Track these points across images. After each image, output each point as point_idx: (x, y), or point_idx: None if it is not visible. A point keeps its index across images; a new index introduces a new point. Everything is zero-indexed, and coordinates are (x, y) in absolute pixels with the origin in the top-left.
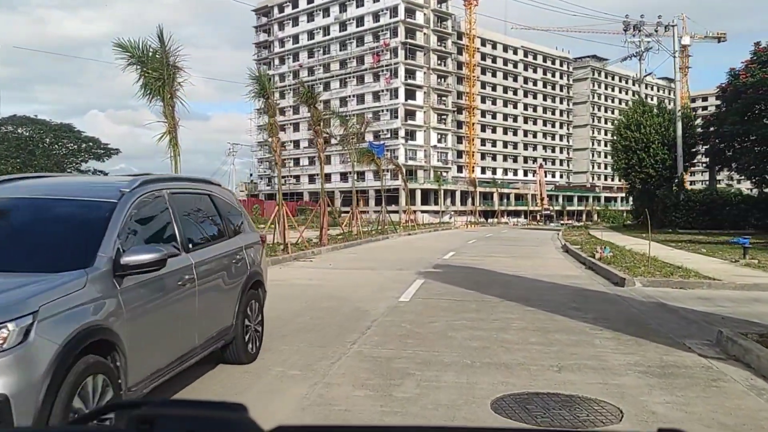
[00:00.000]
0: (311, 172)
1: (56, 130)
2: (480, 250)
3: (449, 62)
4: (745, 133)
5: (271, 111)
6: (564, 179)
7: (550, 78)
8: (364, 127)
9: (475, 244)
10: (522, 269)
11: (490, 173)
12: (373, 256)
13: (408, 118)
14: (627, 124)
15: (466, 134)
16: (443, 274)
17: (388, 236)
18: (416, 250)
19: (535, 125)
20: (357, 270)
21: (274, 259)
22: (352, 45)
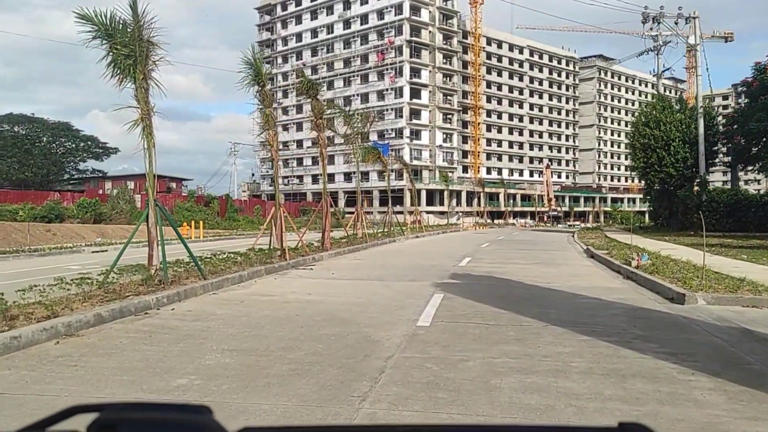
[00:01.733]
0: (314, 172)
1: (54, 128)
2: (497, 256)
3: (455, 61)
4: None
5: (267, 100)
6: (570, 180)
7: (556, 78)
8: (369, 123)
9: (489, 248)
10: (552, 279)
11: (496, 173)
12: (380, 262)
13: (413, 118)
14: (645, 121)
15: (471, 134)
16: (464, 287)
17: (395, 239)
18: (427, 256)
19: (541, 125)
20: (363, 281)
21: (269, 267)
22: (356, 43)
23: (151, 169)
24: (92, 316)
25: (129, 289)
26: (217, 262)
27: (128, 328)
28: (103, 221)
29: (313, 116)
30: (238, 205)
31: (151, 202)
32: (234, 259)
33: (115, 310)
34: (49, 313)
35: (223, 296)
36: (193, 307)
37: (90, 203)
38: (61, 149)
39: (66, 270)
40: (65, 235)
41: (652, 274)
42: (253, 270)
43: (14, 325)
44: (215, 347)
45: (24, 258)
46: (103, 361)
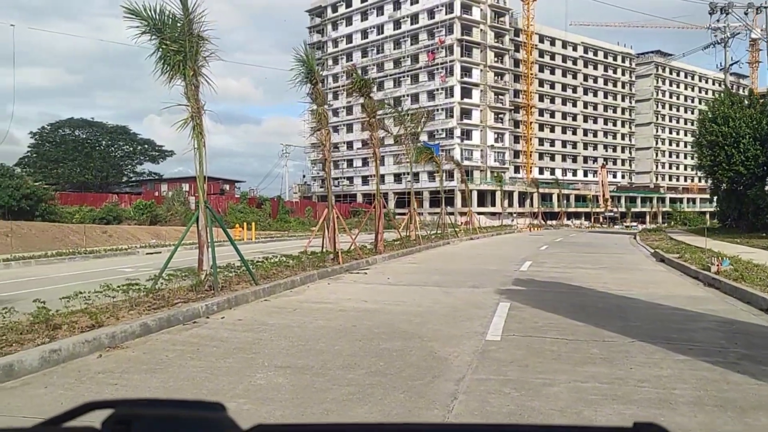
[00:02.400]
0: (364, 174)
1: (112, 132)
2: (559, 259)
3: (506, 59)
4: None
5: (320, 99)
6: (626, 180)
7: (611, 75)
8: (423, 121)
9: (548, 250)
10: (626, 286)
11: (549, 174)
12: (436, 266)
13: (464, 117)
14: (713, 117)
15: (523, 133)
16: (531, 295)
17: (449, 241)
18: (485, 259)
19: (596, 124)
20: (421, 287)
21: (322, 271)
22: (406, 43)
23: (201, 170)
24: (138, 326)
25: (178, 295)
26: (269, 266)
27: (175, 340)
28: (158, 223)
29: (365, 115)
30: (289, 206)
31: (201, 204)
32: (286, 262)
33: (163, 318)
34: (93, 322)
35: (276, 303)
36: (243, 316)
37: (146, 205)
38: (119, 152)
39: (119, 273)
40: (121, 236)
41: (737, 281)
42: (306, 275)
43: (56, 336)
44: (267, 363)
45: (79, 260)
46: (146, 380)
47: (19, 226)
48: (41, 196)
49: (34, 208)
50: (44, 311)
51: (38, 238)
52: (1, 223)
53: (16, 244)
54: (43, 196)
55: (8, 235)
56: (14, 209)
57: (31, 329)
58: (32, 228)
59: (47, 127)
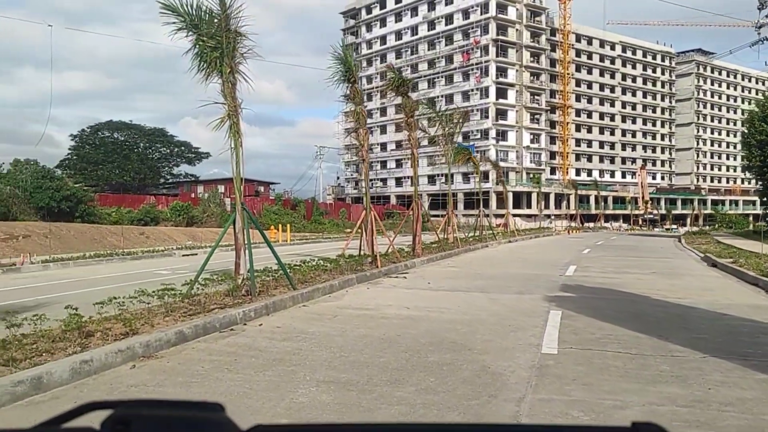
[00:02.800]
0: (398, 175)
1: (150, 134)
2: (605, 264)
3: (543, 59)
4: None
5: (358, 97)
6: (666, 181)
7: (650, 74)
8: (460, 121)
9: (592, 254)
10: (681, 294)
11: (586, 175)
12: (477, 270)
13: (499, 118)
14: (763, 115)
15: (559, 134)
16: (582, 302)
17: (487, 244)
18: (527, 263)
19: (634, 124)
20: (464, 293)
21: (361, 275)
22: (440, 44)
23: (238, 170)
24: (174, 334)
25: (214, 300)
26: (307, 270)
27: (212, 349)
28: (194, 224)
29: (401, 115)
30: (323, 208)
31: (237, 206)
32: (324, 266)
33: (199, 326)
34: (127, 330)
35: (314, 309)
36: (282, 323)
37: (182, 207)
38: (156, 154)
39: (155, 275)
40: (158, 238)
41: None
42: (344, 279)
43: (88, 344)
44: (309, 377)
45: (116, 262)
46: (181, 394)
47: (58, 228)
48: (81, 197)
49: (74, 209)
50: (77, 318)
51: (77, 240)
52: (40, 225)
53: (55, 246)
54: (83, 198)
55: (47, 237)
56: (55, 210)
57: (63, 337)
58: (71, 229)
59: (87, 129)
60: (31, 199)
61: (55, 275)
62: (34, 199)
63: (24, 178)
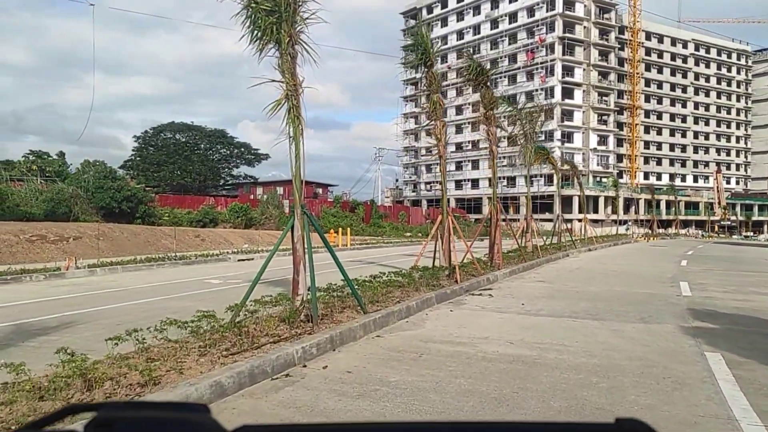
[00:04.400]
0: (457, 178)
1: (210, 135)
2: (720, 280)
3: (611, 57)
4: None
5: (435, 84)
6: (741, 186)
7: (725, 73)
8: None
9: (692, 267)
10: None
11: (654, 179)
12: (571, 286)
13: (564, 119)
14: None
15: (627, 136)
16: (735, 337)
17: (567, 253)
18: (625, 277)
19: (707, 126)
20: (571, 319)
21: (440, 293)
22: (503, 43)
23: (297, 165)
24: (208, 387)
25: (267, 329)
26: (378, 287)
27: (259, 410)
28: (252, 226)
29: (483, 106)
30: (382, 211)
31: (297, 208)
32: (396, 281)
33: (243, 373)
34: (145, 380)
35: (392, 342)
36: (352, 364)
37: (241, 208)
38: (216, 156)
39: (205, 284)
40: (213, 240)
41: None
42: (422, 298)
43: (90, 399)
44: None
45: (168, 266)
46: None
47: (110, 229)
48: (141, 198)
49: (134, 209)
50: (79, 362)
51: (129, 242)
52: (92, 226)
53: (107, 248)
54: (144, 198)
55: (99, 238)
56: (115, 211)
57: (55, 391)
58: (124, 231)
59: (150, 131)
60: (93, 199)
61: (99, 283)
62: (96, 199)
63: (87, 179)
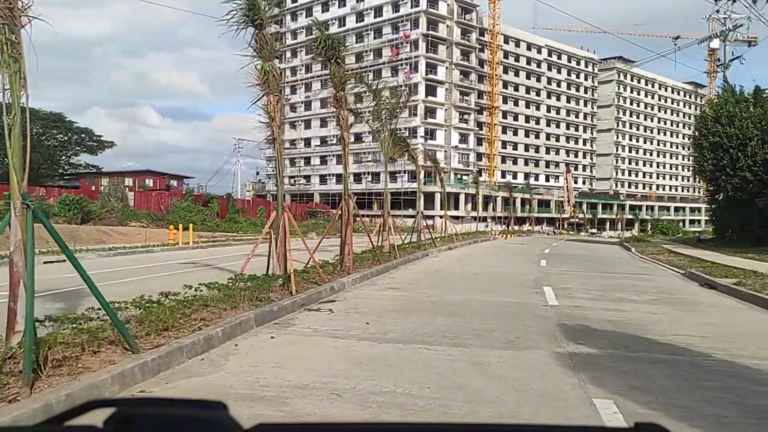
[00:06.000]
0: (322, 172)
1: (45, 119)
2: (583, 284)
3: (473, 58)
4: None
5: (267, 49)
6: (587, 185)
7: (574, 79)
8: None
9: (553, 268)
10: (738, 344)
11: (511, 177)
12: (428, 294)
13: (428, 116)
14: (716, 116)
15: (486, 136)
16: (621, 370)
17: (427, 252)
18: (488, 282)
19: (558, 128)
20: (425, 348)
21: (264, 311)
22: (369, 37)
23: (15, 131)
24: None
25: None
26: (175, 307)
27: None
28: (91, 220)
29: (333, 85)
30: (240, 205)
31: (14, 201)
32: (203, 299)
33: None
34: None
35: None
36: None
37: (73, 200)
38: (53, 142)
39: None
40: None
41: None
42: (234, 321)
43: None
44: None
45: None
46: None
47: None
48: None
49: None
50: None
51: None
52: None
53: None
54: None
55: None
56: None
57: None
58: None
59: None
60: None
61: None
62: None
63: None
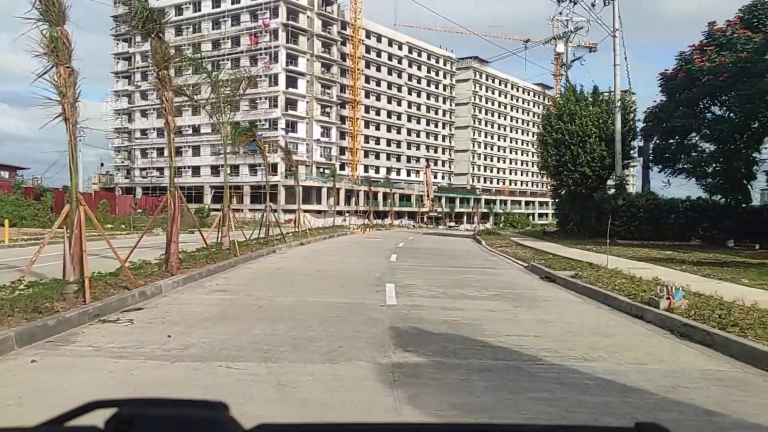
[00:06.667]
0: (178, 164)
1: None
2: (428, 280)
3: (334, 51)
4: (697, 127)
5: (54, 11)
6: (446, 180)
7: (434, 77)
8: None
9: (402, 262)
10: (576, 344)
11: (374, 172)
12: (259, 297)
13: (289, 108)
14: (559, 114)
15: (349, 130)
16: (449, 376)
17: (274, 248)
18: (329, 280)
19: (419, 124)
20: (224, 365)
21: (37, 326)
22: (226, 24)
23: None
24: None
25: None
26: None
27: None
28: None
29: (155, 63)
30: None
31: None
32: None
33: None
34: None
35: None
36: None
37: None
38: None
39: None
40: None
41: (726, 329)
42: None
43: None
44: None
45: None
46: None
47: None
48: None
49: None
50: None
51: None
52: None
53: None
54: None
55: None
56: None
57: None
58: None
59: None
60: None
61: None
62: None
63: None
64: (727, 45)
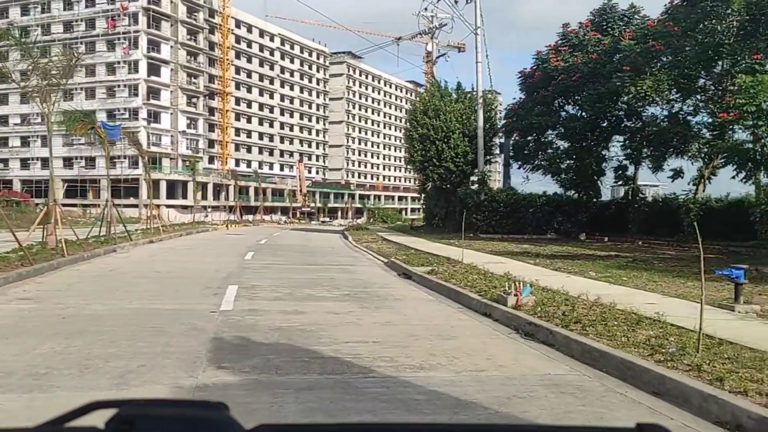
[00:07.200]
0: (24, 156)
1: None
2: (277, 279)
3: (201, 39)
4: (553, 125)
5: None
6: (320, 175)
7: (307, 70)
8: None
9: (257, 260)
10: (415, 349)
11: (245, 166)
12: (69, 306)
13: (151, 97)
14: (424, 109)
15: (219, 122)
16: (263, 399)
17: (115, 247)
18: (162, 283)
19: (292, 118)
20: None
21: None
22: (80, 5)
23: None
24: None
25: None
26: None
27: None
28: None
29: None
30: None
31: None
32: None
33: None
34: None
35: None
36: None
37: None
38: None
39: None
40: None
41: (569, 327)
42: None
43: None
44: None
45: None
46: None
47: None
48: None
49: None
50: None
51: None
52: None
53: None
54: None
55: None
56: None
57: None
58: None
59: None
60: None
61: None
62: None
63: None
64: (579, 46)
